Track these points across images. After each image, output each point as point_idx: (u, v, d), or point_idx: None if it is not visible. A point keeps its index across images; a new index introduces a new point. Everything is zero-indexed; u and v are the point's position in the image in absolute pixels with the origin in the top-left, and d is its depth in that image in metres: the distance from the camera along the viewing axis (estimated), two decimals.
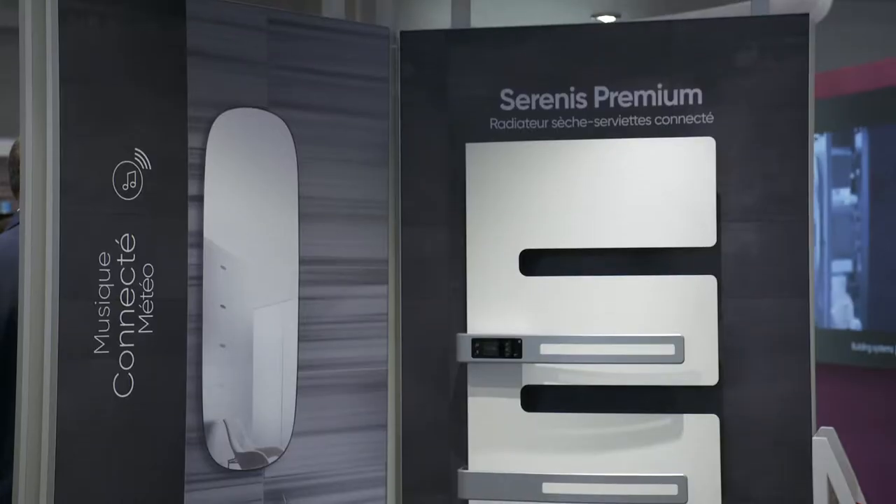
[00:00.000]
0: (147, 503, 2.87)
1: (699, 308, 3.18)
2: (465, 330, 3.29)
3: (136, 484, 2.85)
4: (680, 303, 3.19)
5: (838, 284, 5.87)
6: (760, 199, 3.22)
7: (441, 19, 3.64)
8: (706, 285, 3.19)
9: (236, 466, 3.07)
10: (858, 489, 3.11)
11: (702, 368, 3.17)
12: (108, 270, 2.80)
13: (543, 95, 3.35)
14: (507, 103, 3.35)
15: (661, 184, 3.21)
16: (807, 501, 3.08)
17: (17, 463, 2.68)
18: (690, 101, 3.27)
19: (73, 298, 2.73)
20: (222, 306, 3.05)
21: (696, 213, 3.19)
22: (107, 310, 2.80)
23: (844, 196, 5.81)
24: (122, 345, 2.82)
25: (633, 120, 3.31)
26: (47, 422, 2.69)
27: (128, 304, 2.84)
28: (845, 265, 5.84)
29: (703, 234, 3.18)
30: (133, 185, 2.87)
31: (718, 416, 3.19)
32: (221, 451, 3.04)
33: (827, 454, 3.03)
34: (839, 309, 5.86)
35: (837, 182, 5.87)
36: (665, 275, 3.22)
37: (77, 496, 2.73)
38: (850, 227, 5.80)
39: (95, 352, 2.77)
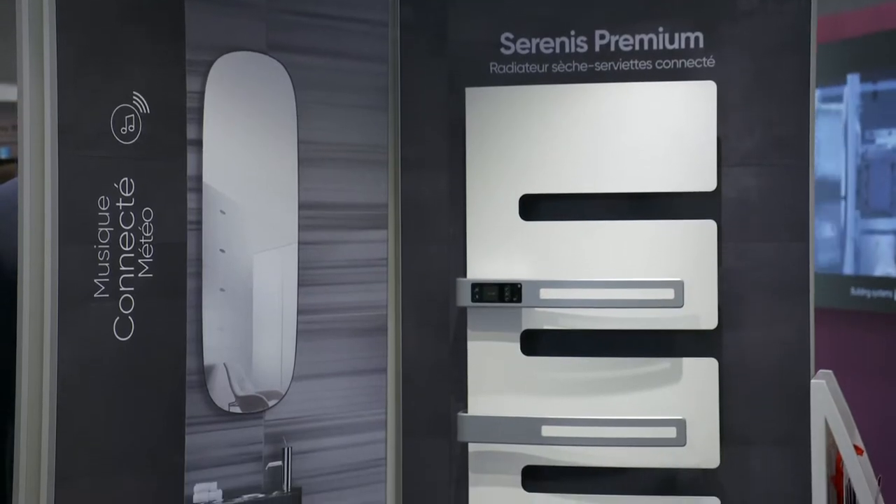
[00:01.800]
0: (148, 445, 2.89)
1: (699, 252, 3.18)
2: (464, 275, 3.29)
3: (137, 426, 2.86)
4: (680, 247, 3.19)
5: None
6: (761, 144, 3.21)
7: None
8: (706, 230, 3.19)
9: (237, 409, 3.09)
10: (856, 432, 3.12)
11: (701, 312, 3.17)
12: (107, 214, 2.80)
13: (544, 39, 3.32)
14: (508, 47, 3.33)
15: (662, 128, 3.20)
16: (805, 444, 3.09)
17: (19, 406, 2.69)
18: (692, 45, 3.25)
19: (73, 242, 2.74)
20: (222, 251, 3.05)
21: (696, 157, 3.18)
22: (106, 254, 2.80)
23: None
24: (122, 288, 2.82)
25: (633, 64, 3.29)
26: (48, 365, 2.69)
27: (127, 248, 2.84)
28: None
29: (703, 178, 3.18)
30: (132, 128, 2.86)
31: (717, 359, 3.20)
32: (222, 395, 3.06)
33: (825, 397, 3.04)
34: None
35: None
36: (665, 219, 3.22)
37: (78, 438, 2.74)
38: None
39: (95, 295, 2.78)
